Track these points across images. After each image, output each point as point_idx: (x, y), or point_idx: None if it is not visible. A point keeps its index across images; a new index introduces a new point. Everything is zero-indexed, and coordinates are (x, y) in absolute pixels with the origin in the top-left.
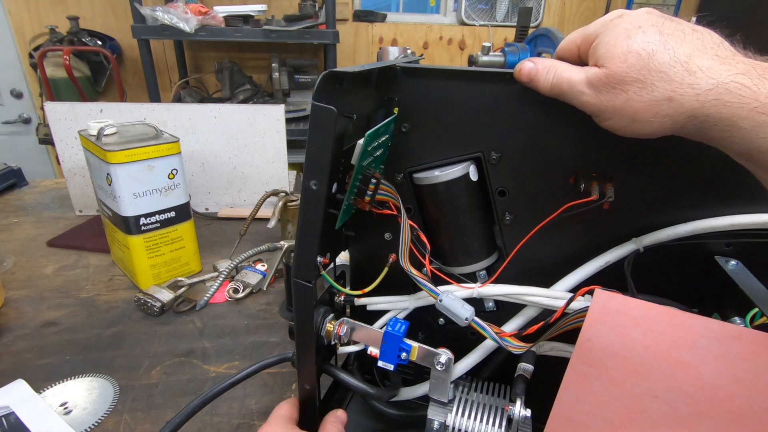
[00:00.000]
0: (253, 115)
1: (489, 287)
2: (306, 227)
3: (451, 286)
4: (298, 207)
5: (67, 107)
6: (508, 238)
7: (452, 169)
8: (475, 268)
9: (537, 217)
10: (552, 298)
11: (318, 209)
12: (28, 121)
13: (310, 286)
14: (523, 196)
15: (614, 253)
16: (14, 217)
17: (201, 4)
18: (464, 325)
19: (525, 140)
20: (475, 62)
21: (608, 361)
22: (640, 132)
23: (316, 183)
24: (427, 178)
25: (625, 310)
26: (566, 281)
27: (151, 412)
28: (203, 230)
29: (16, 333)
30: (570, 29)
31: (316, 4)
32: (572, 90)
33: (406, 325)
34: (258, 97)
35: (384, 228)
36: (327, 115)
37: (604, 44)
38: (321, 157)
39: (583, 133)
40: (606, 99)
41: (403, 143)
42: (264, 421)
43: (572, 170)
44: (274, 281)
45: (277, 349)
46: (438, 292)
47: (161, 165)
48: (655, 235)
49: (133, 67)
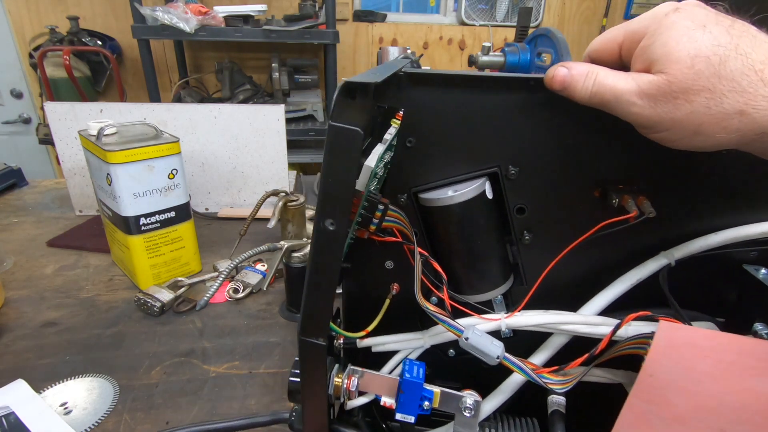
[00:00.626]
0: (253, 115)
1: (518, 318)
2: (319, 277)
3: (471, 319)
4: (298, 207)
5: (67, 107)
6: (527, 259)
7: (468, 188)
8: (492, 295)
9: (559, 235)
10: (592, 325)
11: (336, 254)
12: (28, 121)
13: (324, 345)
14: (543, 212)
15: (645, 269)
16: (14, 217)
17: (201, 4)
18: (494, 363)
19: (547, 152)
20: (475, 62)
21: (673, 397)
22: (701, 146)
23: (333, 222)
24: (439, 199)
25: (693, 342)
26: (595, 303)
27: (151, 412)
28: (203, 230)
29: (16, 333)
30: (570, 29)
31: (316, 4)
32: (619, 100)
33: (422, 366)
34: (258, 97)
35: (384, 256)
36: (351, 138)
37: (661, 45)
38: (342, 191)
39: (612, 142)
40: (665, 111)
41: (408, 160)
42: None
43: (598, 183)
44: (274, 281)
45: (277, 349)
46: (462, 329)
47: (161, 165)
48: (687, 247)
49: (133, 67)
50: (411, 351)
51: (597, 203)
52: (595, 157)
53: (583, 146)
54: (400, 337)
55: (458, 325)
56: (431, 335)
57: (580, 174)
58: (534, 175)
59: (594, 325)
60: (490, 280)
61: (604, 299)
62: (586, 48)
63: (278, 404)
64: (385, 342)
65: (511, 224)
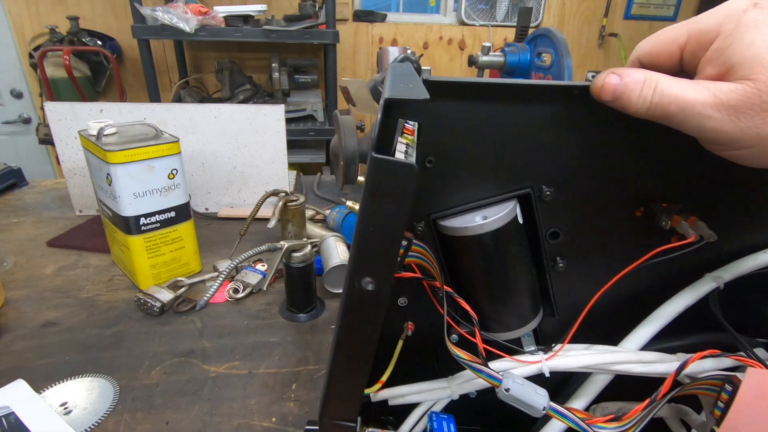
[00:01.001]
0: (253, 115)
1: (562, 359)
2: (351, 349)
3: (506, 362)
4: (298, 207)
5: (67, 107)
6: (559, 288)
7: (499, 214)
8: (523, 332)
9: (597, 260)
10: (647, 363)
11: (375, 321)
12: (28, 121)
13: (354, 426)
14: (580, 236)
15: (691, 293)
16: (14, 217)
17: (201, 4)
18: (539, 416)
19: (585, 169)
20: (475, 62)
21: None
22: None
23: (373, 281)
24: (467, 228)
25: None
26: (640, 335)
27: (151, 412)
28: (203, 230)
29: (16, 333)
30: (570, 29)
31: (316, 4)
32: (688, 113)
33: (452, 421)
34: (258, 97)
35: (398, 292)
36: (406, 175)
37: (745, 46)
38: (388, 241)
39: (660, 156)
40: (751, 125)
41: (426, 182)
42: (264, 420)
43: (640, 201)
44: (274, 281)
45: (277, 349)
46: (500, 378)
47: (161, 165)
48: (736, 267)
49: (133, 67)
50: (435, 402)
51: (640, 224)
52: (638, 172)
53: (626, 161)
54: (422, 387)
55: (496, 374)
56: (459, 383)
57: (621, 192)
58: (570, 195)
59: (650, 363)
60: (521, 314)
61: (649, 330)
62: (586, 48)
63: (278, 404)
64: (405, 393)
65: (543, 251)
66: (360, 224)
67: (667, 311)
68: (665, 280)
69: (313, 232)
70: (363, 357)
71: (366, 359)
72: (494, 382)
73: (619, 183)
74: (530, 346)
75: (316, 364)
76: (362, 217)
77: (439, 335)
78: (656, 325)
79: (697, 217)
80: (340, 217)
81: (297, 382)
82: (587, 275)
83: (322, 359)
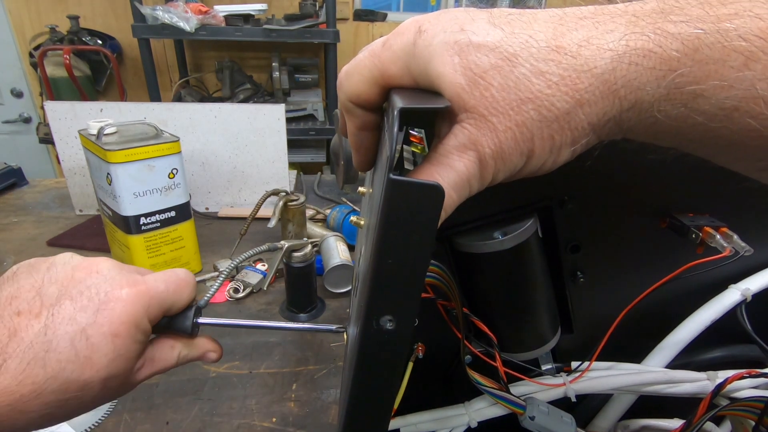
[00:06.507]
0: (254, 115)
1: (587, 382)
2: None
3: (527, 385)
4: (298, 207)
5: (68, 106)
6: (577, 304)
7: (520, 229)
8: (542, 351)
9: (618, 274)
10: (678, 383)
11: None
12: (29, 120)
13: None
14: (601, 249)
15: (716, 306)
16: (14, 216)
17: (201, 3)
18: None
19: (608, 179)
20: None
21: None
22: None
23: (393, 320)
24: (485, 245)
25: None
26: (665, 351)
27: (151, 412)
28: (203, 230)
29: None
30: None
31: (316, 4)
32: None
33: None
34: (258, 97)
35: None
36: (431, 200)
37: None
38: (410, 275)
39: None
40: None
41: None
42: (264, 421)
43: (664, 212)
44: (274, 281)
45: (277, 349)
46: (523, 405)
47: (161, 164)
48: (763, 278)
49: (134, 66)
50: (450, 430)
51: (665, 236)
52: (663, 182)
53: (650, 169)
54: (436, 415)
55: (519, 400)
56: (477, 409)
57: (645, 203)
58: (592, 206)
59: (679, 384)
60: (541, 335)
61: (674, 347)
62: None
63: (278, 404)
64: (419, 422)
65: (562, 265)
66: (377, 255)
67: (693, 326)
68: (687, 292)
69: (314, 232)
70: (382, 408)
71: (386, 410)
72: (517, 409)
73: (641, 193)
74: (547, 364)
75: (317, 364)
76: (380, 247)
77: (450, 357)
78: (682, 341)
79: (728, 228)
80: (340, 217)
81: (297, 382)
82: (608, 289)
83: (322, 359)
